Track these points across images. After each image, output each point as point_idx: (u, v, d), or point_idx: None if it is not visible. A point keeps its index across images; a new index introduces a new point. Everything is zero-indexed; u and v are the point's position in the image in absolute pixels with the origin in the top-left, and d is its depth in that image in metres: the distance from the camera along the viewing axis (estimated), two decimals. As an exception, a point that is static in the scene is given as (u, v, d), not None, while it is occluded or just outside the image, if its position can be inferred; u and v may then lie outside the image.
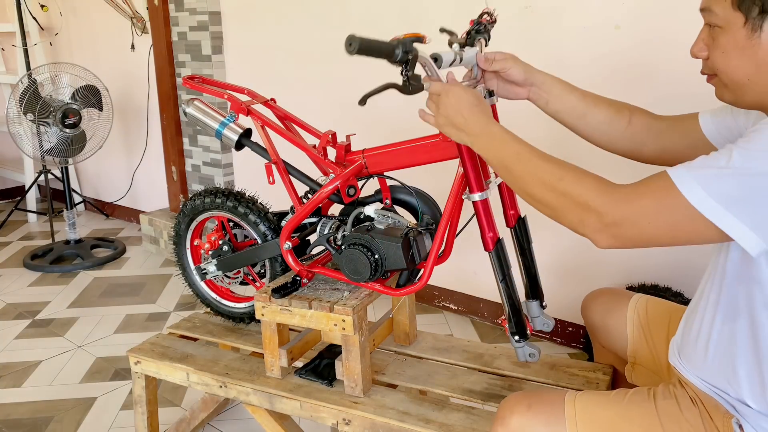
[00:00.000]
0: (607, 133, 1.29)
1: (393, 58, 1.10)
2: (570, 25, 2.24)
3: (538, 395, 1.17)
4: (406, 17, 2.62)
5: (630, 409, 1.11)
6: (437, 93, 1.17)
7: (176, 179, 3.67)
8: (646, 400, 1.12)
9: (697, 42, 1.03)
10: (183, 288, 3.09)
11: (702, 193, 0.87)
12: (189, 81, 1.69)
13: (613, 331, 1.42)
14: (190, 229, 1.81)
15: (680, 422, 1.07)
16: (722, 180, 0.87)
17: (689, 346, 1.12)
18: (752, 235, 0.87)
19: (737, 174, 0.86)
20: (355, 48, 1.03)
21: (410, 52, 1.10)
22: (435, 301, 2.87)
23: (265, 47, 3.18)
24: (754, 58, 0.94)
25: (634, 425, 1.08)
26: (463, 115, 1.13)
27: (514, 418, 1.11)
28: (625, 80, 2.15)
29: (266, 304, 1.51)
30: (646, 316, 1.37)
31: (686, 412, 1.08)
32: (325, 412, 1.45)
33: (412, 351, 1.68)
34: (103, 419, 2.12)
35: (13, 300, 3.10)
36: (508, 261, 1.33)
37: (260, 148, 1.57)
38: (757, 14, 0.92)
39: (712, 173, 0.88)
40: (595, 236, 0.96)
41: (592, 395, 1.15)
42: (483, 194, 1.29)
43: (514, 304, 1.32)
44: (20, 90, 3.29)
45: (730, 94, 1.00)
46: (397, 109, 2.67)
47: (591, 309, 1.47)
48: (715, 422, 1.05)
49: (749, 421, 1.02)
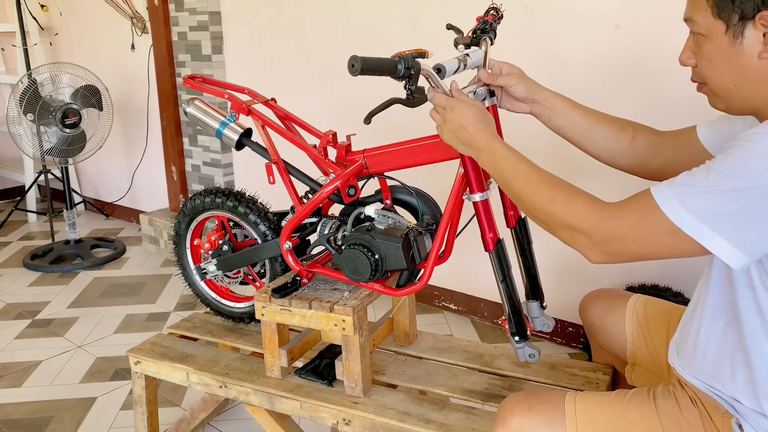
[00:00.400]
0: (611, 149, 1.32)
1: (396, 74, 1.13)
2: (570, 25, 2.24)
3: (538, 396, 1.18)
4: (407, 17, 2.62)
5: (630, 410, 1.11)
6: (442, 106, 1.19)
7: (176, 179, 3.67)
8: (645, 400, 1.12)
9: (684, 50, 1.05)
10: (183, 288, 3.09)
11: (681, 209, 0.90)
12: (189, 81, 1.69)
13: (611, 332, 1.42)
14: (190, 228, 1.81)
15: (680, 422, 1.07)
16: (701, 197, 0.90)
17: (686, 346, 1.12)
18: (733, 250, 0.89)
19: (714, 191, 0.89)
20: (357, 69, 1.06)
21: (412, 68, 1.13)
22: (435, 301, 2.87)
23: (265, 47, 3.18)
24: (738, 64, 0.96)
25: (634, 425, 1.09)
26: (468, 131, 1.17)
27: (514, 418, 1.12)
28: (625, 80, 2.15)
29: (266, 304, 1.51)
30: (645, 317, 1.37)
31: (686, 412, 1.08)
32: (325, 412, 1.45)
33: (412, 351, 1.68)
34: (103, 419, 2.12)
35: (13, 300, 3.10)
36: (509, 261, 1.33)
37: (261, 147, 1.57)
38: (738, 21, 0.94)
39: (691, 190, 0.90)
40: (586, 253, 1.02)
41: (592, 396, 1.15)
42: (483, 195, 1.29)
43: (515, 305, 1.32)
44: (20, 90, 3.29)
45: (720, 102, 1.03)
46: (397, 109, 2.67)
47: (589, 310, 1.47)
48: (715, 422, 1.05)
49: (748, 420, 1.02)
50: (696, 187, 0.90)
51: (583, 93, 2.25)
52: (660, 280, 2.16)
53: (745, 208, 0.87)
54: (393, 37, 2.67)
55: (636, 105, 2.14)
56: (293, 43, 3.06)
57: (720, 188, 0.88)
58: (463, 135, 1.18)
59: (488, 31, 1.34)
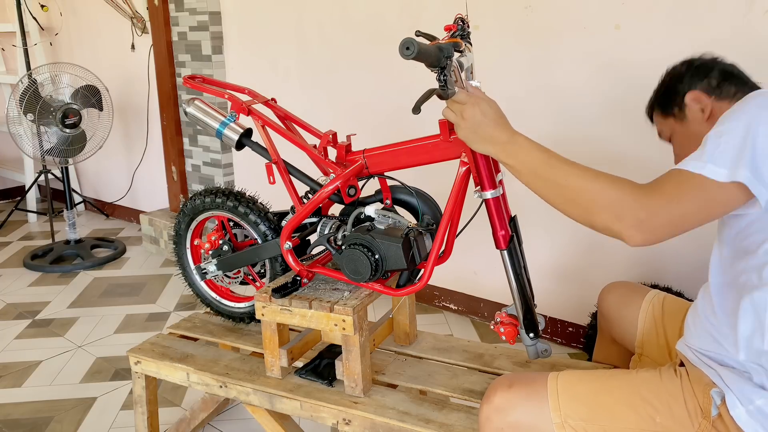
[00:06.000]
0: None
1: (439, 63, 1.11)
2: (570, 25, 2.24)
3: (520, 375, 1.24)
4: (407, 17, 2.62)
5: (610, 382, 1.15)
6: (462, 102, 1.18)
7: (176, 179, 3.67)
8: (627, 374, 1.17)
9: (659, 133, 1.38)
10: (183, 288, 3.09)
11: (716, 168, 0.97)
12: (189, 81, 1.68)
13: (625, 322, 1.46)
14: (190, 228, 1.81)
15: (659, 390, 1.11)
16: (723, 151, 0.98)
17: (688, 325, 1.19)
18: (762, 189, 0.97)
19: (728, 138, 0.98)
20: (414, 52, 1.02)
21: (450, 57, 1.12)
22: (435, 301, 2.87)
23: (265, 47, 3.18)
24: (690, 131, 1.27)
25: (613, 395, 1.13)
26: (490, 126, 1.16)
27: (496, 395, 1.18)
28: (625, 80, 2.15)
29: (266, 304, 1.51)
30: (662, 311, 1.41)
31: (667, 382, 1.12)
32: (325, 412, 1.45)
33: (412, 351, 1.68)
34: (103, 419, 2.12)
35: (13, 300, 3.10)
36: (521, 259, 1.33)
37: (261, 147, 1.57)
38: (678, 111, 1.29)
39: (711, 150, 0.99)
40: (630, 232, 1.01)
41: (574, 372, 1.20)
42: (495, 192, 1.29)
43: (527, 302, 1.33)
44: (20, 90, 3.29)
45: None
46: (397, 109, 2.67)
47: (608, 299, 1.52)
48: (696, 391, 1.08)
49: (733, 389, 1.04)
50: (711, 147, 0.99)
51: (583, 93, 2.26)
52: (660, 280, 2.16)
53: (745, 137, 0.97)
54: (393, 37, 2.67)
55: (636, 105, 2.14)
56: (293, 43, 3.06)
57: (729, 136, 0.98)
58: (485, 130, 1.16)
59: (466, 37, 1.35)
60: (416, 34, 1.36)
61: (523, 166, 1.14)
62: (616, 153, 2.20)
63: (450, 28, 1.36)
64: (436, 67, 1.11)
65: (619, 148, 2.19)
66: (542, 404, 1.14)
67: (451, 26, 1.36)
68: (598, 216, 1.04)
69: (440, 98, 1.16)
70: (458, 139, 1.24)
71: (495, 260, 1.39)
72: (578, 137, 2.29)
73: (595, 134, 2.25)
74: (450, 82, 1.13)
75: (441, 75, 1.12)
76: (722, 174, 0.96)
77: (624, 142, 2.18)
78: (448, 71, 1.12)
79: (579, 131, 2.29)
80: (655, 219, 0.99)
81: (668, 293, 1.50)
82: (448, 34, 1.35)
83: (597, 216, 1.04)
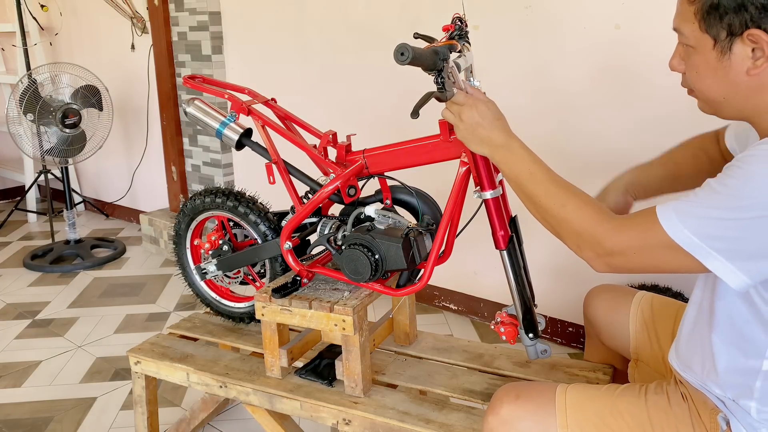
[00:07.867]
0: None
1: (435, 66, 1.11)
2: (570, 25, 2.24)
3: (528, 386, 1.21)
4: (407, 17, 2.62)
5: (620, 403, 1.13)
6: (461, 103, 1.18)
7: (176, 179, 3.67)
8: (636, 394, 1.14)
9: (674, 56, 1.04)
10: (183, 288, 3.09)
11: (680, 225, 0.91)
12: (189, 81, 1.68)
13: (615, 328, 1.43)
14: (190, 228, 1.81)
15: (668, 416, 1.09)
16: (700, 216, 0.90)
17: (680, 342, 1.15)
18: (732, 270, 0.90)
19: (713, 215, 0.89)
20: (408, 57, 1.02)
21: (446, 60, 1.12)
22: (435, 301, 2.87)
23: (265, 47, 3.18)
24: (726, 78, 0.95)
25: (623, 418, 1.11)
26: (487, 128, 1.17)
27: (503, 407, 1.15)
28: (625, 80, 2.15)
29: (266, 304, 1.51)
30: (652, 314, 1.38)
31: (675, 407, 1.10)
32: (325, 412, 1.45)
33: (412, 351, 1.68)
34: (103, 419, 2.12)
35: (13, 300, 3.10)
36: (520, 259, 1.33)
37: (261, 147, 1.57)
38: (725, 37, 0.93)
39: (692, 209, 0.91)
40: (591, 263, 1.04)
41: (583, 388, 1.18)
42: (495, 192, 1.29)
43: (526, 303, 1.33)
44: (20, 90, 3.29)
45: (709, 109, 1.04)
46: (397, 109, 2.67)
47: (593, 305, 1.48)
48: (703, 418, 1.07)
49: (735, 415, 1.04)
50: (697, 206, 0.91)
51: (583, 93, 2.26)
52: (660, 279, 2.16)
53: (745, 234, 0.88)
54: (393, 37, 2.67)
55: (636, 105, 2.15)
56: (293, 44, 3.06)
57: (720, 209, 0.89)
58: (481, 132, 1.17)
59: (464, 37, 1.35)
60: (414, 36, 1.36)
61: (511, 173, 1.15)
62: (616, 153, 2.20)
63: (448, 28, 1.36)
64: (433, 71, 1.12)
65: (619, 148, 2.19)
66: (549, 420, 1.12)
67: (448, 26, 1.36)
68: (564, 240, 1.08)
69: (438, 101, 1.16)
70: (458, 140, 1.24)
71: (495, 260, 1.39)
72: (578, 137, 2.28)
73: (595, 134, 2.25)
74: (447, 84, 1.13)
75: (438, 78, 1.13)
76: (699, 251, 0.90)
77: (624, 142, 2.18)
78: (444, 74, 1.13)
79: (579, 131, 2.29)
80: (613, 259, 1.00)
81: (654, 293, 1.47)
82: (445, 35, 1.35)
83: (563, 239, 1.08)
